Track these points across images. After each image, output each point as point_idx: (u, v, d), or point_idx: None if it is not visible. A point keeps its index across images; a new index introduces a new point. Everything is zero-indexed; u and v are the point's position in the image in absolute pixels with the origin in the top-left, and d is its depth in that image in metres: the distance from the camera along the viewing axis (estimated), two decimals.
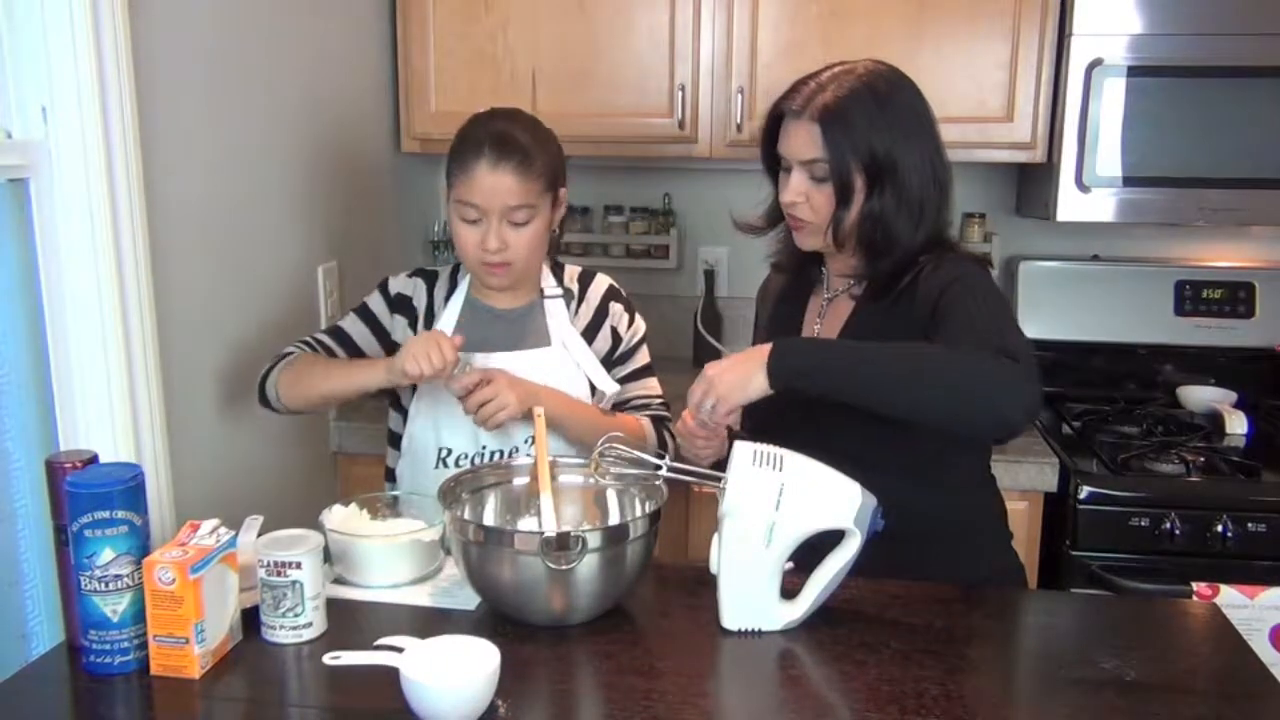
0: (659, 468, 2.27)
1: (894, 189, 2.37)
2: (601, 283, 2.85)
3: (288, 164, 3.18)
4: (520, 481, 2.43)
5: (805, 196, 2.42)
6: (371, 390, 2.58)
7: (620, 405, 2.81)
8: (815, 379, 2.18)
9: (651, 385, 2.85)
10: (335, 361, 2.66)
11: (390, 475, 2.83)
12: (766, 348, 2.23)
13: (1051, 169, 3.60)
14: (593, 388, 2.75)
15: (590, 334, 2.79)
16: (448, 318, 2.74)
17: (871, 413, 2.17)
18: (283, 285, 3.18)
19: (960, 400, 2.10)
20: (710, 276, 4.24)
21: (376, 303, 2.79)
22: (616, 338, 2.81)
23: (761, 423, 2.49)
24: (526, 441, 2.68)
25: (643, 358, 2.86)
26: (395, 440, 2.81)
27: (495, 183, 2.55)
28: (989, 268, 2.43)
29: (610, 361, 2.80)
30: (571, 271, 2.86)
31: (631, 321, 2.84)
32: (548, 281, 2.79)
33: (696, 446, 2.41)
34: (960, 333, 2.21)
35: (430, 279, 2.81)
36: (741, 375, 2.23)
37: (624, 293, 2.86)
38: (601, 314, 2.81)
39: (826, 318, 2.56)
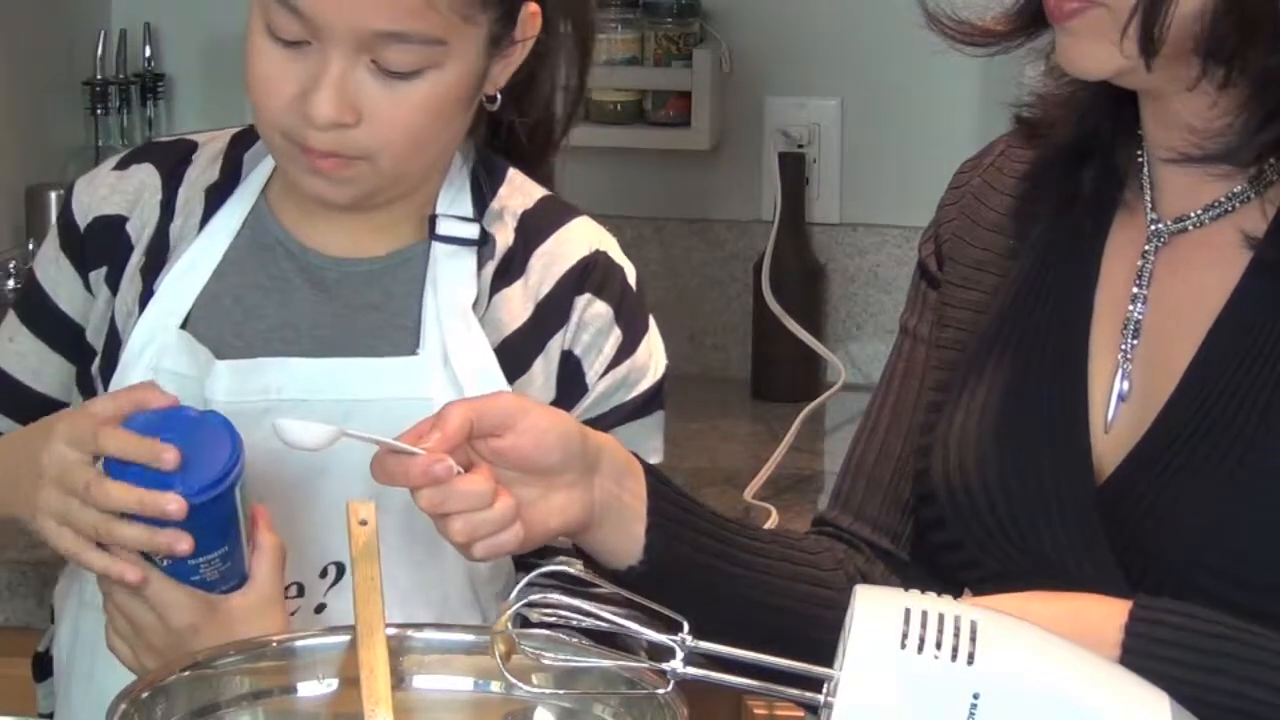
0: (671, 652, 1.03)
1: None
2: (576, 240, 1.39)
3: None
4: (313, 690, 1.13)
5: None
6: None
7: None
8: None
9: None
10: None
11: (43, 672, 1.46)
12: (1108, 625, 1.09)
13: None
14: None
15: (517, 355, 1.36)
16: (190, 269, 1.36)
17: None
18: None
19: None
20: (793, 170, 2.39)
21: (54, 268, 1.39)
22: (574, 383, 1.38)
23: (950, 537, 1.27)
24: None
25: (647, 444, 1.38)
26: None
27: None
28: None
29: None
30: (515, 193, 1.40)
31: (625, 352, 1.38)
32: (449, 202, 1.38)
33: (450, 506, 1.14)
34: None
35: (175, 161, 1.40)
36: None
37: (626, 275, 1.40)
38: (553, 314, 1.37)
39: (1156, 282, 1.25)
